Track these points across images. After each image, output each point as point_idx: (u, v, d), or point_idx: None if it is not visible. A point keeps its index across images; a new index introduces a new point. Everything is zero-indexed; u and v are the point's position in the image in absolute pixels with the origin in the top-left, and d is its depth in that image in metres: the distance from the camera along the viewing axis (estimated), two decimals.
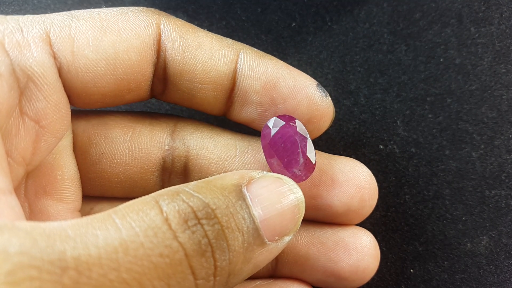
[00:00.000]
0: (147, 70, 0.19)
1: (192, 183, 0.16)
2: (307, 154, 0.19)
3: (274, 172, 0.19)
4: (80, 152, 0.21)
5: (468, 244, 0.25)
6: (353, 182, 0.21)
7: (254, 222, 0.16)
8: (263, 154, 0.21)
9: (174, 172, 0.22)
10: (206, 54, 0.19)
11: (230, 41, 0.20)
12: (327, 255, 0.21)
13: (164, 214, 0.14)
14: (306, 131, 0.20)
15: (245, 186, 0.17)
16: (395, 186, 0.26)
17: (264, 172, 0.18)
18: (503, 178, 0.25)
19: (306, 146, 0.19)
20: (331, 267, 0.21)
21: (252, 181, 0.17)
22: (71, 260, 0.12)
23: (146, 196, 0.15)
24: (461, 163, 0.26)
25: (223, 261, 0.15)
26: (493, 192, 0.25)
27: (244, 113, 0.21)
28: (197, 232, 0.14)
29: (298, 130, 0.19)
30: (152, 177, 0.21)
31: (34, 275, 0.11)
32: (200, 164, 0.21)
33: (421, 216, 0.25)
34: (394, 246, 0.25)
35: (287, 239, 0.17)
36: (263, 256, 0.17)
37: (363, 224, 0.22)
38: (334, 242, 0.21)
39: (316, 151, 0.21)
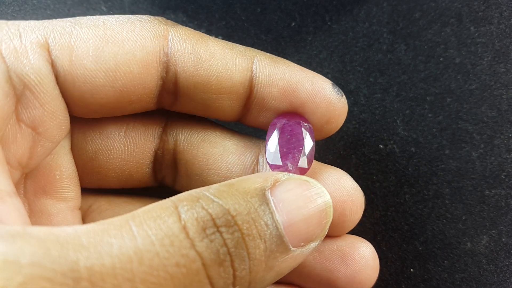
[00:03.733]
0: (150, 84, 0.19)
1: (214, 186, 0.16)
2: (307, 155, 0.19)
3: (267, 155, 0.19)
4: (76, 149, 0.21)
5: (468, 244, 0.25)
6: (334, 195, 0.20)
7: (277, 228, 0.15)
8: (248, 155, 0.21)
9: (164, 164, 0.22)
10: (219, 65, 0.19)
11: (242, 48, 0.20)
12: (323, 264, 0.20)
13: (182, 222, 0.14)
14: (314, 139, 0.20)
15: (269, 190, 0.16)
16: (395, 185, 0.26)
17: (290, 174, 0.17)
18: (503, 177, 0.25)
19: (309, 149, 0.19)
20: (327, 276, 0.20)
21: (277, 184, 0.16)
22: (84, 271, 0.12)
23: (166, 201, 0.15)
24: (461, 162, 0.26)
25: (243, 270, 0.14)
26: (493, 191, 0.25)
27: (262, 118, 0.20)
28: (215, 241, 0.14)
29: (308, 133, 0.19)
30: (147, 169, 0.21)
31: (46, 287, 0.11)
32: (186, 159, 0.21)
33: (421, 215, 0.25)
34: (394, 246, 0.25)
35: (313, 245, 0.17)
36: (287, 263, 0.16)
37: (363, 224, 0.22)
38: (331, 251, 0.21)
39: (310, 168, 0.21)
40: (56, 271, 0.11)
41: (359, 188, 0.20)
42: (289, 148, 0.19)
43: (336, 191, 0.20)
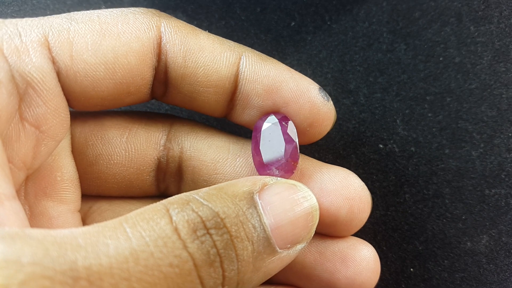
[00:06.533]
0: (147, 74, 0.19)
1: (203, 190, 0.16)
2: (289, 156, 0.19)
3: (255, 165, 0.19)
4: (77, 153, 0.21)
5: (468, 243, 0.25)
6: (342, 192, 0.20)
7: (264, 230, 0.16)
8: None
9: (169, 172, 0.22)
10: (207, 58, 0.19)
11: (231, 43, 0.20)
12: (324, 265, 0.21)
13: (174, 224, 0.14)
14: (296, 134, 0.19)
15: (257, 193, 0.16)
16: (395, 185, 0.26)
17: (278, 178, 0.18)
18: (503, 177, 0.25)
19: (291, 148, 0.19)
20: (327, 277, 0.21)
21: (265, 188, 0.17)
22: (82, 270, 0.12)
23: (157, 204, 0.15)
24: (461, 162, 0.26)
25: (232, 271, 0.15)
26: (493, 191, 0.25)
27: (246, 115, 0.21)
28: (206, 242, 0.14)
29: (288, 131, 0.19)
30: (148, 177, 0.21)
31: (46, 286, 0.11)
32: (193, 165, 0.21)
33: (421, 215, 0.25)
34: (394, 245, 0.26)
35: (299, 247, 0.17)
36: (274, 264, 0.16)
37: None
38: (332, 253, 0.21)
39: (309, 158, 0.21)
40: (56, 270, 0.12)
41: (365, 187, 0.20)
42: (272, 152, 0.19)
43: (344, 189, 0.20)
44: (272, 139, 0.19)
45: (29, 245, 0.12)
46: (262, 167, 0.19)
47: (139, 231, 0.13)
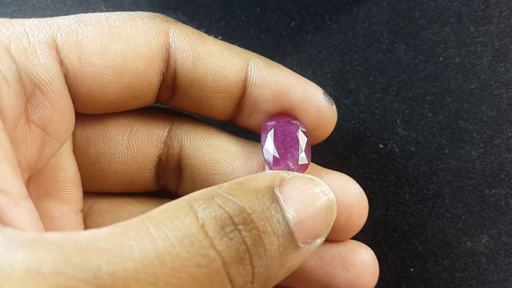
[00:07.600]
0: (154, 79, 0.19)
1: (225, 185, 0.16)
2: (304, 151, 0.19)
3: (266, 160, 0.19)
4: (78, 152, 0.21)
5: (468, 243, 0.25)
6: (342, 199, 0.20)
7: (288, 225, 0.16)
8: (254, 160, 0.21)
9: (168, 169, 0.22)
10: (216, 63, 0.19)
11: (239, 49, 0.20)
12: (324, 269, 0.21)
13: (200, 221, 0.14)
14: (307, 133, 0.20)
15: (277, 188, 0.16)
16: (395, 185, 0.26)
17: (294, 173, 0.18)
18: (503, 177, 0.25)
19: (304, 144, 0.19)
20: (327, 281, 0.21)
21: (283, 182, 0.17)
22: (107, 277, 0.12)
23: (180, 200, 0.15)
24: (461, 162, 0.26)
25: (261, 267, 0.14)
26: (493, 191, 0.25)
27: (252, 120, 0.21)
28: (234, 239, 0.14)
29: (300, 129, 0.20)
30: (149, 174, 0.21)
31: None
32: (192, 164, 0.21)
33: (421, 215, 0.25)
34: (394, 245, 0.26)
35: (319, 241, 0.17)
36: (297, 259, 0.16)
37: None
38: (332, 257, 0.21)
39: (310, 163, 0.22)
40: (79, 279, 0.11)
41: (363, 192, 0.21)
42: (286, 148, 0.19)
43: (344, 196, 0.20)
44: (285, 135, 0.19)
45: (49, 252, 0.12)
46: (276, 162, 0.19)
47: (164, 231, 0.13)
